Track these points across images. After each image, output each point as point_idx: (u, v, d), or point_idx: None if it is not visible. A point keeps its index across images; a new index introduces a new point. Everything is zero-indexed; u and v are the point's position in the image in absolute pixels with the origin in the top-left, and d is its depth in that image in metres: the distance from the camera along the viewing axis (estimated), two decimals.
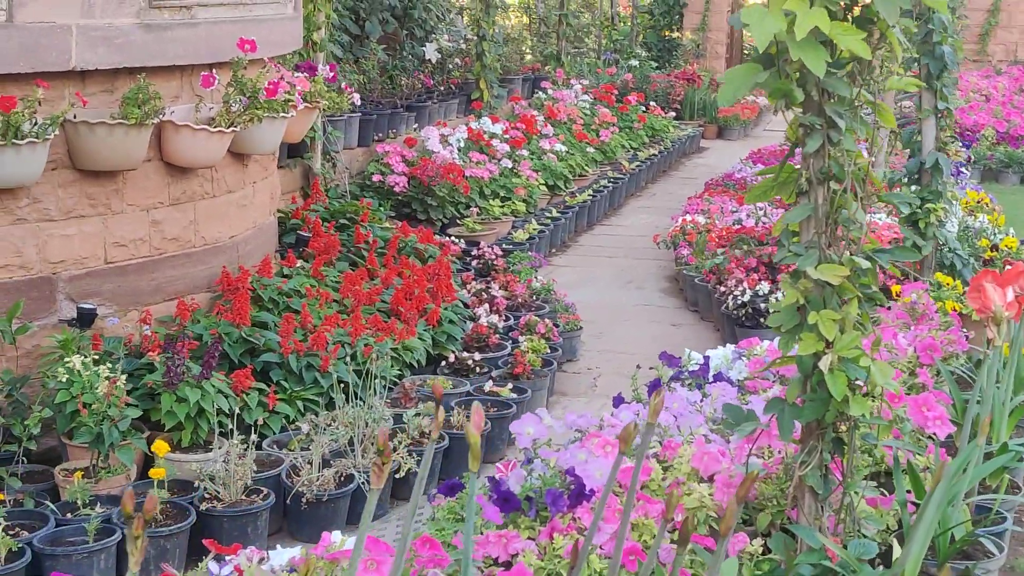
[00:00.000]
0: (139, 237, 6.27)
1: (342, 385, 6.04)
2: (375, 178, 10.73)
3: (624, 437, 3.17)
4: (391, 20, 13.33)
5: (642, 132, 16.56)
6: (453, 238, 10.04)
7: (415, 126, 12.27)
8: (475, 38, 14.26)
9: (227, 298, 6.57)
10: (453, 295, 7.78)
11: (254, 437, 5.41)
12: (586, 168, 14.03)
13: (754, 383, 5.49)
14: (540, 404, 6.97)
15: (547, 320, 7.81)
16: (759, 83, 3.69)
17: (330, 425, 5.71)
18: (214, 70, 6.46)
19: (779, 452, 4.38)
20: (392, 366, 6.58)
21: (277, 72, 7.18)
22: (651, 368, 6.07)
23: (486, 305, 8.01)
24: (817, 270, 3.73)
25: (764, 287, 8.24)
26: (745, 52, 23.22)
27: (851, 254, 3.79)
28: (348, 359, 6.29)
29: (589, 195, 13.12)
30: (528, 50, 18.66)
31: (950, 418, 4.77)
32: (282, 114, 6.77)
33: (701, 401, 5.22)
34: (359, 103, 9.43)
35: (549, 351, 7.44)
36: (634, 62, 20.17)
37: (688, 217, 10.95)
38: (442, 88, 13.74)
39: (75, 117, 5.79)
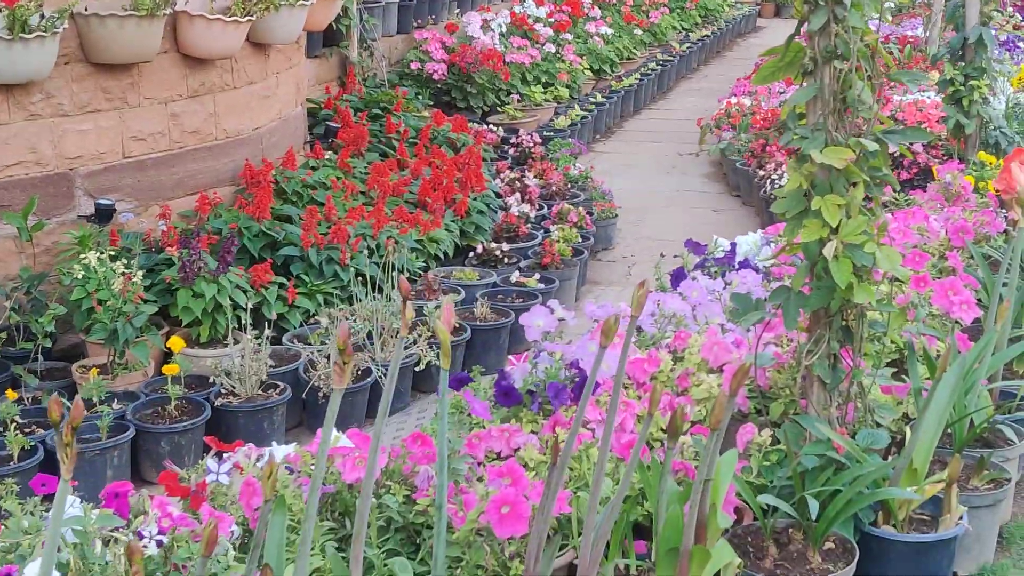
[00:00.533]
0: (158, 131, 6.19)
1: (361, 279, 5.97)
2: (413, 66, 10.55)
3: (605, 331, 3.09)
4: None
5: (694, 12, 16.20)
6: (492, 126, 9.86)
7: (457, 11, 12.03)
8: None
9: (250, 191, 6.50)
10: (483, 185, 7.64)
11: (269, 332, 5.36)
12: (634, 51, 13.75)
13: (780, 270, 5.32)
14: (570, 294, 6.87)
15: (580, 208, 7.66)
16: None
17: (348, 318, 5.66)
18: None
19: (794, 341, 4.25)
20: (417, 258, 6.50)
21: None
22: (675, 256, 5.94)
23: (518, 194, 7.88)
24: (822, 153, 3.58)
25: None
26: None
27: (858, 136, 3.62)
28: (368, 251, 6.21)
29: (636, 79, 12.85)
30: None
31: (978, 302, 4.62)
32: (300, 2, 6.63)
33: (723, 289, 5.09)
34: None
35: (581, 240, 7.31)
36: None
37: (733, 100, 10.69)
38: None
39: (85, 9, 5.69)
